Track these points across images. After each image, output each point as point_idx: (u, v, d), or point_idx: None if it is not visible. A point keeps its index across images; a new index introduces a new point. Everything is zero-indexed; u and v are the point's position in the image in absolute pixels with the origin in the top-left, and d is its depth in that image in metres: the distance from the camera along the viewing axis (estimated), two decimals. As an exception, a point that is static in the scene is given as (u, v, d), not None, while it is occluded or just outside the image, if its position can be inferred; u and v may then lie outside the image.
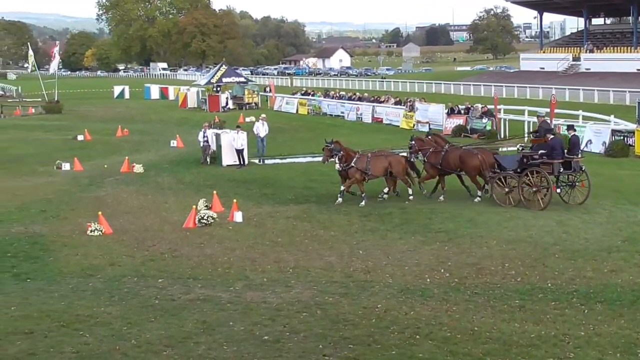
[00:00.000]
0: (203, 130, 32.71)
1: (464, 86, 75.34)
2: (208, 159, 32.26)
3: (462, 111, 43.48)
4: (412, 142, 24.00)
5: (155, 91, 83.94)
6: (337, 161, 22.83)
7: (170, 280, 15.45)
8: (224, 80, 64.66)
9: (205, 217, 20.45)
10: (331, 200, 22.91)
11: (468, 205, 21.75)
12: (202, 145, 32.60)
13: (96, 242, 18.94)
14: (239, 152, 31.43)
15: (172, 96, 79.22)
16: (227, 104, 63.24)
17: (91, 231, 19.59)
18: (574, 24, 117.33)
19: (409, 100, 50.09)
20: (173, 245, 18.47)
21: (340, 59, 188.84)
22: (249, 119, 49.07)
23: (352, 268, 16.10)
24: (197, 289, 14.65)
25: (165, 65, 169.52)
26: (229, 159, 31.76)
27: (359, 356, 10.99)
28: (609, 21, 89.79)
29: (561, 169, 21.45)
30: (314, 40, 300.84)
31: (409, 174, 23.46)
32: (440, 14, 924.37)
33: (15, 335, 11.83)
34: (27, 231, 20.28)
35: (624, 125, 35.08)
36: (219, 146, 32.22)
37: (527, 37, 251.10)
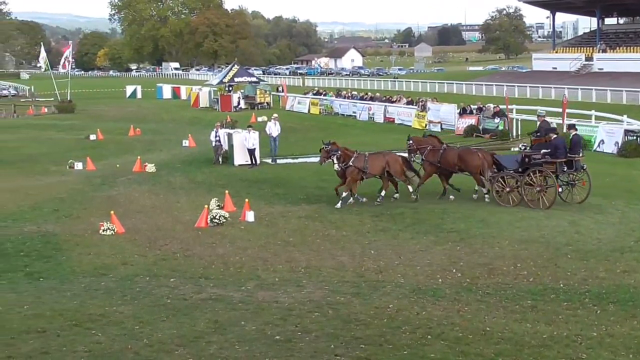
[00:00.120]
0: (215, 130, 32.80)
1: (476, 86, 75.01)
2: (220, 159, 32.32)
3: (474, 111, 43.38)
4: (410, 142, 23.97)
5: (168, 91, 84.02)
6: (335, 161, 22.75)
7: (182, 279, 15.49)
8: (236, 80, 64.69)
9: (217, 217, 20.48)
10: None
11: (480, 205, 21.73)
12: (214, 145, 32.68)
13: (108, 241, 19.01)
14: (251, 152, 31.47)
15: (184, 96, 79.33)
16: (239, 103, 63.28)
17: (103, 230, 19.65)
18: (586, 23, 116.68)
19: (421, 100, 50.03)
20: (185, 244, 18.51)
21: (352, 58, 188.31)
22: (261, 119, 49.17)
23: (364, 268, 16.11)
24: (209, 289, 14.67)
25: (177, 65, 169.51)
26: (240, 158, 31.82)
27: (370, 356, 10.97)
28: (622, 21, 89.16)
29: (565, 168, 21.52)
30: (325, 40, 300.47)
31: (406, 173, 23.30)
32: (452, 13, 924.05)
33: (28, 334, 11.86)
34: (39, 230, 20.38)
35: (637, 125, 34.97)
36: (231, 146, 32.30)
37: (540, 37, 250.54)
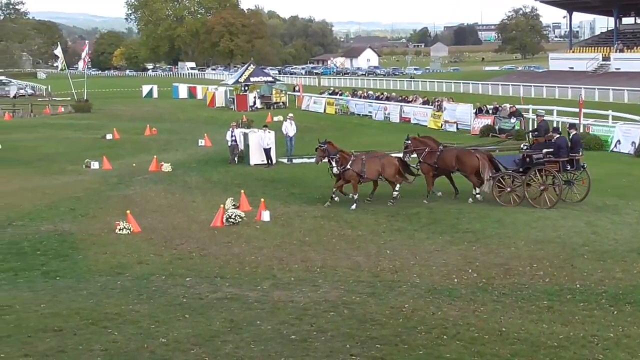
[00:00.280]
0: (231, 130, 32.86)
1: (492, 86, 74.87)
2: (236, 158, 32.37)
3: (490, 111, 43.20)
4: (408, 142, 23.87)
5: (184, 90, 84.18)
6: (334, 164, 22.56)
7: (198, 279, 15.53)
8: (251, 79, 64.70)
9: (233, 216, 20.52)
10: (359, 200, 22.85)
11: (496, 205, 21.64)
12: (230, 144, 32.74)
13: (124, 240, 19.09)
14: (267, 152, 31.51)
15: (200, 95, 79.43)
16: (255, 103, 63.31)
17: (120, 230, 19.73)
18: (603, 23, 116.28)
19: (436, 100, 49.88)
20: (201, 244, 18.56)
21: (368, 58, 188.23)
22: (277, 119, 49.21)
23: (380, 268, 16.10)
24: (225, 288, 14.70)
25: (193, 64, 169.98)
26: (256, 158, 31.86)
27: (386, 356, 10.96)
28: (639, 20, 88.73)
29: (568, 167, 21.66)
30: (341, 39, 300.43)
31: (403, 175, 23.13)
32: (468, 13, 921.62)
33: (44, 333, 11.92)
34: (56, 229, 20.49)
35: (655, 125, 34.69)
36: (247, 145, 32.35)
37: (556, 36, 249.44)
